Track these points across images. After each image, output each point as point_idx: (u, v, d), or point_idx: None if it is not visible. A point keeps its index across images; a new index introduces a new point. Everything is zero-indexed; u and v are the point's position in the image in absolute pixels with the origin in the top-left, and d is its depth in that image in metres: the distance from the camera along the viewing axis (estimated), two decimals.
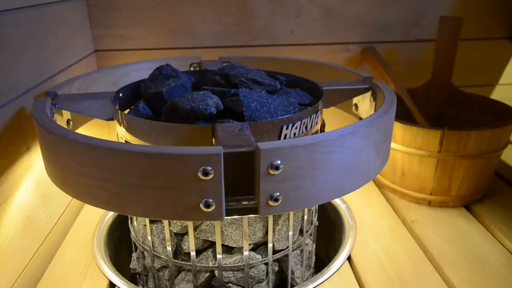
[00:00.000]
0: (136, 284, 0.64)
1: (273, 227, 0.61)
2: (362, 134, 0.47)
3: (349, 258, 0.67)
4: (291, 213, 0.59)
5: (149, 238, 0.61)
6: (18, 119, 0.59)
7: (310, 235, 0.68)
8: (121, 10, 0.87)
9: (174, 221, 0.62)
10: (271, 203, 0.43)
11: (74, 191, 0.47)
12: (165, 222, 0.58)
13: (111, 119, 0.60)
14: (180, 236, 0.64)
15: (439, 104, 0.92)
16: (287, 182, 0.43)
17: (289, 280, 0.63)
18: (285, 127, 0.50)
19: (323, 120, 0.62)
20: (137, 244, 0.66)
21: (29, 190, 0.63)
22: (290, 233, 0.60)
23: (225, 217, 0.43)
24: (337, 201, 0.81)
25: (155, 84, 0.61)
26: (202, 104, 0.50)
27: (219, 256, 0.58)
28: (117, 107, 0.57)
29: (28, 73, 0.62)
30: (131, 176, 0.42)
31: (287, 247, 0.61)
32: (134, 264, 0.69)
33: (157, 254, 0.62)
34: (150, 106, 0.57)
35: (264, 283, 0.61)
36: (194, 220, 0.44)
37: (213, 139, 0.47)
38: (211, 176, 0.41)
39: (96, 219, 0.78)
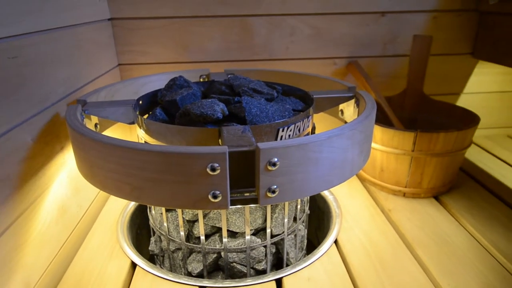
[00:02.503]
0: (154, 263, 0.64)
1: (271, 215, 0.61)
2: (347, 135, 0.47)
3: (336, 242, 0.67)
4: (286, 203, 0.59)
5: (165, 224, 0.61)
6: (53, 123, 0.59)
7: (303, 222, 0.68)
8: (140, 30, 0.87)
9: (186, 210, 0.62)
10: (269, 194, 0.43)
11: (101, 184, 0.48)
12: (179, 210, 0.58)
13: (132, 123, 0.60)
14: (191, 222, 0.64)
15: (412, 110, 0.93)
16: (283, 176, 0.43)
17: (285, 260, 0.63)
18: (281, 129, 0.50)
19: (314, 124, 0.62)
20: (154, 230, 0.66)
21: (63, 183, 0.63)
22: (286, 220, 0.61)
23: (230, 207, 0.44)
24: (326, 193, 0.81)
25: (170, 93, 0.61)
26: (210, 110, 0.50)
27: (224, 239, 0.58)
28: (137, 113, 0.57)
29: (62, 84, 0.62)
30: (149, 171, 0.42)
31: (283, 232, 0.61)
32: (152, 247, 0.69)
33: (172, 238, 0.62)
34: (165, 112, 0.58)
35: (263, 262, 0.61)
36: (203, 209, 0.44)
37: (220, 140, 0.47)
38: (218, 172, 0.41)
39: (119, 209, 0.78)
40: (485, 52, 0.94)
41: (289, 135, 0.52)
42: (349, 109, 0.66)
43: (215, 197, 0.42)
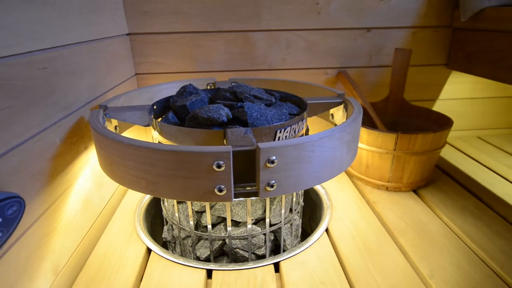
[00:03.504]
0: (166, 249, 0.64)
1: (270, 207, 0.61)
2: (337, 136, 0.47)
3: (327, 230, 0.67)
4: (283, 196, 0.59)
5: (177, 215, 0.61)
6: (78, 125, 0.59)
7: (298, 212, 0.68)
8: (155, 43, 0.87)
9: (195, 202, 0.62)
10: (268, 188, 0.43)
11: (120, 179, 0.48)
12: (189, 202, 0.58)
13: (148, 125, 0.60)
14: (199, 213, 0.64)
15: (394, 114, 0.92)
16: (280, 172, 0.43)
17: (282, 246, 0.63)
18: (278, 131, 0.50)
19: (308, 126, 0.62)
20: (167, 219, 0.66)
21: (87, 179, 0.63)
22: (283, 211, 0.61)
23: (234, 199, 0.44)
24: (318, 187, 0.81)
25: (181, 99, 0.61)
26: (216, 114, 0.50)
27: (229, 228, 0.58)
28: (152, 116, 0.57)
29: (86, 91, 0.62)
30: (163, 168, 0.42)
31: (280, 221, 0.61)
32: (165, 234, 0.70)
33: (182, 227, 0.62)
34: (177, 116, 0.58)
35: (263, 248, 0.61)
36: (210, 201, 0.44)
37: (225, 140, 0.48)
38: (223, 168, 0.41)
39: (136, 201, 0.78)
40: (458, 64, 0.94)
41: (286, 136, 0.52)
42: (338, 113, 0.66)
43: (220, 190, 0.42)
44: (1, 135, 0.41)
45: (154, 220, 0.78)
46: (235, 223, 0.62)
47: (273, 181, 0.43)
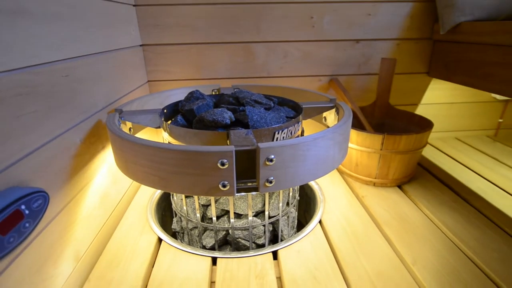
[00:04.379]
0: (176, 239, 0.64)
1: (269, 201, 0.61)
2: (329, 137, 0.47)
3: (320, 222, 0.67)
4: (281, 191, 0.59)
5: (185, 208, 0.61)
6: (96, 127, 0.59)
7: (294, 206, 0.68)
8: (165, 54, 0.87)
9: (202, 196, 0.62)
10: (267, 184, 0.43)
11: (134, 176, 0.48)
12: (195, 197, 0.58)
13: (159, 127, 0.60)
14: (205, 206, 0.64)
15: (381, 117, 0.92)
16: (278, 170, 0.43)
17: (279, 236, 0.63)
18: (277, 132, 0.50)
19: (303, 128, 0.62)
20: (176, 212, 0.66)
21: (104, 175, 0.63)
22: (280, 204, 0.61)
23: (236, 194, 0.44)
24: (312, 183, 0.81)
25: (188, 103, 0.61)
26: (220, 117, 0.50)
27: (232, 220, 0.58)
28: (162, 119, 0.57)
29: (103, 96, 0.62)
30: (172, 166, 0.42)
31: (278, 214, 0.61)
32: (174, 225, 0.70)
33: (190, 219, 0.62)
34: (185, 118, 0.58)
35: (263, 238, 0.61)
36: (215, 196, 0.44)
37: (228, 141, 0.47)
38: (226, 166, 0.41)
39: (148, 195, 0.78)
40: (438, 72, 0.94)
41: (283, 137, 0.52)
42: (330, 117, 0.66)
43: (224, 186, 0.42)
44: (28, 136, 0.41)
45: (164, 213, 0.78)
46: (238, 215, 0.62)
47: (272, 178, 0.43)
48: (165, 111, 0.63)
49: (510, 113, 1.09)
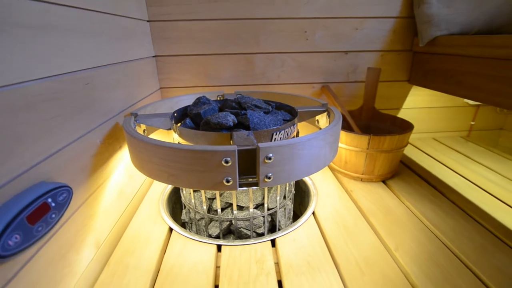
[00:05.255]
0: (185, 228, 0.64)
1: (267, 194, 0.61)
2: (322, 138, 0.47)
3: (313, 213, 0.67)
4: (278, 186, 0.59)
5: (193, 201, 0.61)
6: (114, 129, 0.59)
7: (290, 199, 0.68)
8: (175, 63, 0.87)
9: (208, 190, 0.62)
10: (266, 180, 0.43)
11: (147, 172, 0.48)
12: (202, 191, 0.58)
13: (170, 129, 0.60)
14: (211, 199, 0.64)
15: (367, 120, 0.92)
16: (276, 167, 0.43)
17: (277, 226, 0.63)
18: (275, 134, 0.50)
19: (298, 130, 0.62)
20: (185, 204, 0.66)
21: (121, 172, 0.63)
22: (278, 198, 0.61)
23: (238, 188, 0.44)
24: (306, 179, 0.81)
25: (196, 107, 0.61)
26: (224, 120, 0.50)
27: (235, 212, 0.58)
28: (173, 122, 0.57)
29: (120, 101, 0.62)
30: (182, 163, 0.43)
31: (276, 206, 0.61)
32: (183, 216, 0.70)
33: (197, 211, 0.62)
34: (193, 121, 0.58)
35: (262, 228, 0.61)
36: (219, 190, 0.44)
37: (231, 141, 0.48)
38: (230, 164, 0.41)
39: (160, 190, 0.78)
40: (417, 80, 0.95)
41: (281, 138, 0.52)
42: (322, 119, 0.66)
43: (228, 181, 0.42)
44: (54, 137, 0.41)
45: (175, 205, 0.78)
46: (240, 208, 0.62)
47: (270, 174, 0.43)
48: (175, 114, 0.63)
49: (481, 117, 1.09)
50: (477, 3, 0.77)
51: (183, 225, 0.70)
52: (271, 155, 0.42)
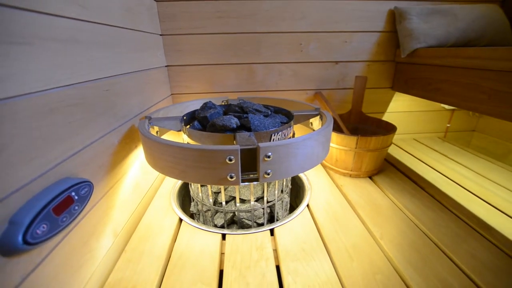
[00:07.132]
0: (193, 219, 0.63)
1: (267, 189, 0.61)
2: (315, 139, 0.47)
3: (307, 205, 0.67)
4: (277, 181, 0.59)
5: (200, 194, 0.61)
6: (130, 131, 0.59)
7: (287, 193, 0.68)
8: (185, 72, 0.87)
9: (214, 185, 0.62)
10: (265, 176, 0.43)
11: (160, 169, 0.48)
12: (209, 186, 0.58)
13: (180, 130, 0.60)
14: (216, 193, 0.64)
15: (355, 123, 0.92)
16: (274, 164, 0.43)
17: (276, 217, 0.63)
18: (273, 135, 0.50)
19: (294, 131, 0.62)
20: (193, 197, 0.66)
21: (136, 169, 0.63)
22: (276, 191, 0.60)
23: (241, 183, 0.44)
24: (301, 175, 0.81)
25: (203, 111, 0.61)
26: (228, 122, 0.50)
27: (237, 204, 0.58)
28: (183, 124, 0.57)
29: (136, 106, 0.62)
30: (190, 161, 0.42)
31: (274, 199, 0.61)
32: (192, 208, 0.69)
33: (204, 203, 0.62)
34: (200, 123, 0.57)
35: (262, 218, 0.61)
36: (224, 185, 0.44)
37: (234, 141, 0.47)
38: (233, 161, 0.41)
39: (171, 184, 0.77)
40: (399, 87, 0.95)
41: (278, 138, 0.52)
42: (316, 122, 0.66)
43: (231, 177, 0.42)
44: (78, 137, 0.41)
45: (184, 198, 0.78)
46: (242, 200, 0.62)
47: (269, 170, 0.43)
48: (184, 118, 0.63)
49: (456, 120, 1.09)
50: (451, 20, 0.78)
51: (191, 216, 0.70)
52: (270, 153, 0.41)
